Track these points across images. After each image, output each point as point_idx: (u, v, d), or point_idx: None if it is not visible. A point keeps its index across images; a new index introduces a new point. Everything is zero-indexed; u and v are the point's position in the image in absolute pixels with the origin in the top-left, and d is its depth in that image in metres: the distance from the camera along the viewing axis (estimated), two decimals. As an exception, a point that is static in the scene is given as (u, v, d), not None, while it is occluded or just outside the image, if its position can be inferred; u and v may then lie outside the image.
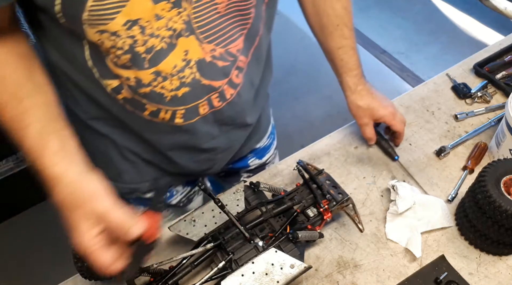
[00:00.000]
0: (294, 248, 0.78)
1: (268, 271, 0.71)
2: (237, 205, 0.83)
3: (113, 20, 0.61)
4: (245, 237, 0.77)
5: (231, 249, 0.77)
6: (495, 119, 1.05)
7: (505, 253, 0.83)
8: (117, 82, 0.71)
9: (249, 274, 0.70)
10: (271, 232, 0.80)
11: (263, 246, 0.77)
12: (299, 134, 2.30)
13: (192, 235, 0.79)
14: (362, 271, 0.83)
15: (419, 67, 2.74)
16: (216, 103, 0.79)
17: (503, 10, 2.07)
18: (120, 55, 0.65)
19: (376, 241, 0.87)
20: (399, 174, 0.97)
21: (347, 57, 0.92)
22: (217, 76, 0.75)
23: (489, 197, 0.75)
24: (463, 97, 1.11)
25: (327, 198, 0.83)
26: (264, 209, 0.83)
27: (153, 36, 0.65)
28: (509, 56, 1.18)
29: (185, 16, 0.65)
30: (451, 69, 1.19)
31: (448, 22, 3.04)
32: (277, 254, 0.73)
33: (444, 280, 0.80)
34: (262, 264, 0.71)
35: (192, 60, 0.70)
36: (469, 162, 0.96)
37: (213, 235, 0.79)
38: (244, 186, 0.85)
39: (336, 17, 0.89)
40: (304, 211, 0.83)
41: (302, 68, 2.73)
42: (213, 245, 0.77)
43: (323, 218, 0.82)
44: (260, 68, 0.87)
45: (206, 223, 0.81)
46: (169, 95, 0.73)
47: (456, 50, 2.80)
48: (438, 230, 0.87)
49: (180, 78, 0.71)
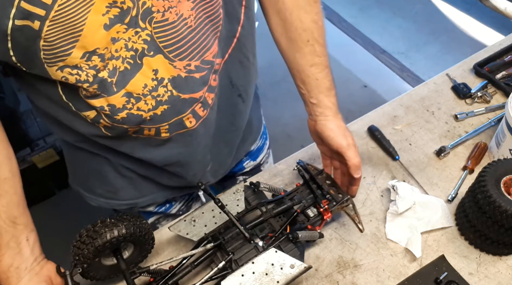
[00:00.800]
0: (294, 248, 0.78)
1: (268, 271, 0.71)
2: (237, 205, 0.83)
3: (70, 55, 0.60)
4: (245, 237, 0.77)
5: (231, 249, 0.77)
6: (495, 119, 1.05)
7: (505, 253, 0.83)
8: (94, 112, 0.70)
9: (249, 274, 0.70)
10: (271, 232, 0.80)
11: (263, 246, 0.77)
12: (299, 134, 2.30)
13: (192, 235, 0.79)
14: (362, 271, 0.82)
15: (419, 67, 2.74)
16: (201, 112, 0.77)
17: (503, 10, 2.07)
18: (88, 88, 0.64)
19: (376, 241, 0.87)
20: (399, 174, 0.97)
21: (322, 76, 0.82)
22: (196, 87, 0.73)
23: (489, 197, 0.75)
24: (463, 97, 1.11)
25: (327, 198, 0.83)
26: (264, 209, 0.83)
27: (113, 58, 0.63)
28: (509, 56, 1.18)
29: (145, 36, 0.64)
30: (451, 69, 1.19)
31: (448, 22, 3.04)
32: (277, 254, 0.72)
33: (444, 280, 0.80)
34: (262, 264, 0.71)
35: (165, 78, 0.69)
36: (469, 162, 0.96)
37: (213, 235, 0.79)
38: (244, 186, 0.85)
39: (305, 31, 0.79)
40: (304, 211, 0.83)
41: (302, 68, 2.73)
42: (213, 245, 0.77)
43: (323, 218, 0.82)
44: (242, 68, 0.84)
45: (206, 223, 0.80)
46: (147, 115, 0.71)
47: (456, 50, 2.80)
48: (438, 230, 0.87)
49: (154, 97, 0.69)
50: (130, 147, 0.79)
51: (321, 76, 0.82)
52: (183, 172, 0.87)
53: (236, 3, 0.74)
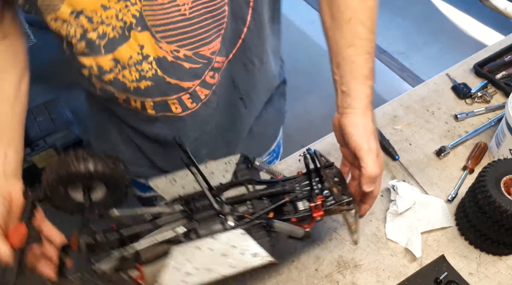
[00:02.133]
0: (266, 237, 0.68)
1: (227, 253, 0.63)
2: (223, 175, 0.75)
3: (59, 10, 0.64)
4: (215, 210, 0.70)
5: (198, 218, 0.70)
6: (495, 119, 1.05)
7: (505, 253, 0.83)
8: (87, 71, 0.73)
9: (206, 249, 0.63)
10: (250, 214, 0.71)
11: (232, 224, 0.68)
12: (299, 134, 2.30)
13: (165, 193, 0.73)
14: (362, 271, 0.83)
15: (419, 67, 2.75)
16: (189, 104, 0.78)
17: (503, 10, 2.07)
18: (76, 44, 0.68)
19: (376, 241, 0.87)
20: (399, 174, 0.97)
21: (361, 61, 0.72)
22: (184, 77, 0.74)
23: (489, 197, 0.75)
24: (463, 97, 1.11)
25: (324, 195, 0.73)
26: (252, 188, 0.74)
27: (104, 24, 0.66)
28: (509, 56, 1.18)
29: (134, 11, 0.66)
30: (451, 69, 1.19)
31: (448, 22, 3.04)
32: (242, 237, 0.64)
33: (444, 280, 0.80)
34: (223, 243, 0.64)
35: (150, 56, 0.71)
36: (469, 162, 0.96)
37: (186, 199, 0.72)
38: (239, 158, 0.76)
39: (347, 8, 0.71)
40: (294, 202, 0.73)
41: (302, 68, 2.73)
42: (182, 209, 0.71)
43: (312, 216, 0.72)
44: (246, 72, 0.82)
45: (185, 186, 0.74)
46: (131, 85, 0.74)
47: (456, 50, 2.80)
48: (438, 230, 0.87)
49: (138, 70, 0.72)
50: (125, 114, 0.82)
51: (359, 60, 0.72)
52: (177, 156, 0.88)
53: (242, 1, 0.73)
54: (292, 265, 0.83)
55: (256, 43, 0.80)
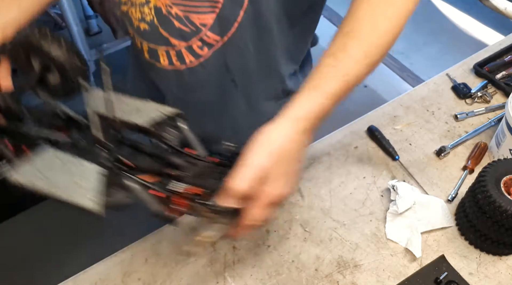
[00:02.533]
0: (121, 192, 0.60)
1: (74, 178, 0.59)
2: (145, 120, 0.67)
3: None
4: (92, 136, 0.65)
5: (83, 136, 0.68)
6: (495, 119, 1.05)
7: (505, 253, 0.83)
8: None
9: (59, 162, 0.61)
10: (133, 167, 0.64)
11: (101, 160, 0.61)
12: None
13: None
14: (362, 271, 0.83)
15: (419, 67, 2.74)
16: (175, 61, 0.83)
17: (503, 10, 2.07)
18: None
19: (376, 241, 0.87)
20: (399, 174, 0.97)
21: (326, 72, 0.63)
22: (173, 33, 0.79)
23: (489, 197, 0.75)
24: (463, 97, 1.11)
25: (206, 192, 0.60)
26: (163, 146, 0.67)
27: None
28: (509, 56, 1.18)
29: None
30: (451, 69, 1.19)
31: (448, 22, 3.04)
32: (95, 176, 0.58)
33: (444, 280, 0.80)
34: (75, 166, 0.60)
35: (151, 2, 0.77)
36: (469, 162, 0.96)
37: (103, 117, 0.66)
38: (174, 113, 0.68)
39: (352, 20, 0.64)
40: (175, 181, 0.62)
41: (302, 68, 2.73)
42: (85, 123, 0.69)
43: (167, 200, 0.59)
44: (239, 57, 0.81)
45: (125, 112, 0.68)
46: (135, 23, 0.82)
47: (456, 50, 2.80)
48: (438, 230, 0.87)
49: (141, 12, 0.79)
50: (137, 51, 0.89)
51: (326, 71, 0.63)
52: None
53: None
54: (292, 265, 0.83)
55: (253, 31, 0.79)
